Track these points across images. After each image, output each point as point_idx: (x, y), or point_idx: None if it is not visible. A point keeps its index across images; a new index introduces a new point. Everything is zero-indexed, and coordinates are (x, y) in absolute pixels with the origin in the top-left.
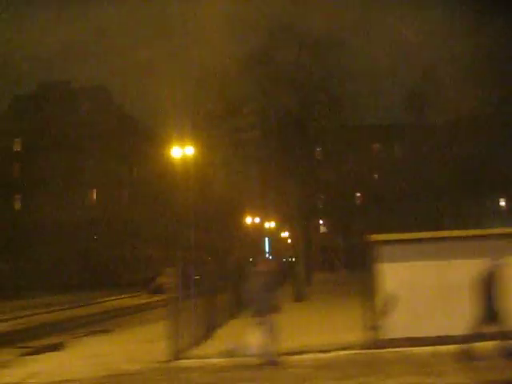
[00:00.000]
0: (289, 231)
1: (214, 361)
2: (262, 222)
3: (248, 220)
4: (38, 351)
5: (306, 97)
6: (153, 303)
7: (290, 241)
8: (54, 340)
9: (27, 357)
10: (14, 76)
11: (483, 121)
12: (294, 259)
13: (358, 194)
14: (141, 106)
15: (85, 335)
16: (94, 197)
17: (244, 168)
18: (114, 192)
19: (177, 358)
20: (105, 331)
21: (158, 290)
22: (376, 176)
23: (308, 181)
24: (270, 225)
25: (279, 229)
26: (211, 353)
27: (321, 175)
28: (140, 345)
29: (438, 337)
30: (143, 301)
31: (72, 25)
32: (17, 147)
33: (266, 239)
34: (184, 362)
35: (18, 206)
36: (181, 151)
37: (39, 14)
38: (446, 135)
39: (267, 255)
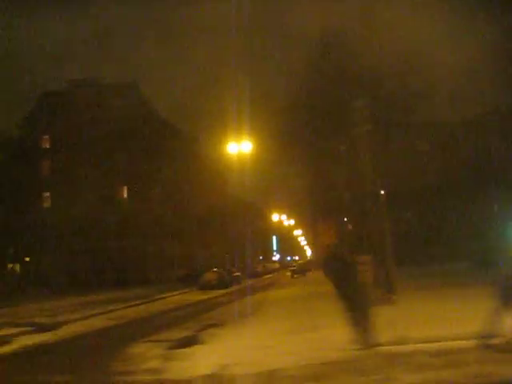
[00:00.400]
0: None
1: (417, 346)
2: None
3: (275, 217)
4: (183, 345)
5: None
6: (213, 299)
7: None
8: (175, 334)
9: (179, 350)
10: (42, 73)
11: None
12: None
13: (382, 192)
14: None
15: (202, 329)
16: (125, 194)
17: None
18: (145, 189)
19: (370, 346)
20: (214, 325)
21: (205, 286)
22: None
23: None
24: (290, 222)
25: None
26: (390, 340)
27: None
28: (287, 336)
29: None
30: (204, 296)
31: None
32: (45, 144)
33: (274, 237)
34: (384, 349)
35: (47, 203)
36: (237, 147)
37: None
38: (470, 130)
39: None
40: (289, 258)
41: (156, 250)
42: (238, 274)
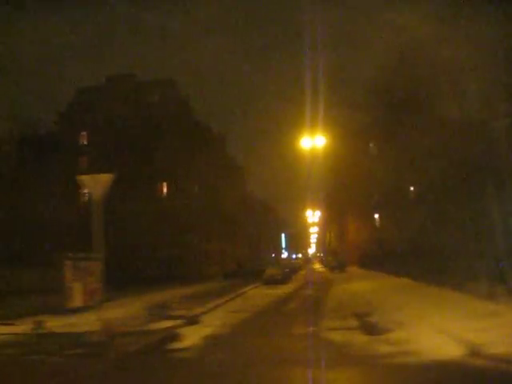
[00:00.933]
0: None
1: None
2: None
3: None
4: (375, 332)
5: None
6: (296, 292)
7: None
8: (338, 323)
9: (382, 336)
10: (79, 69)
11: None
12: None
13: (412, 188)
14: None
15: (358, 319)
16: (165, 190)
17: None
18: (185, 186)
19: None
20: (364, 315)
21: (269, 281)
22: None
23: None
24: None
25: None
26: None
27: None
28: (472, 321)
29: None
30: (281, 290)
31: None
32: (83, 140)
33: (283, 235)
34: None
35: (85, 199)
36: (311, 142)
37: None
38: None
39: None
40: (294, 256)
41: (195, 247)
42: (287, 269)
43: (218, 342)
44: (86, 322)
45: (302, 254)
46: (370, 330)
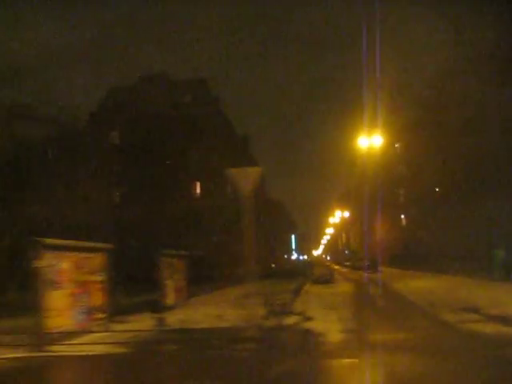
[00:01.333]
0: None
1: None
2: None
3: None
4: None
5: None
6: (361, 290)
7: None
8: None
9: None
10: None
11: None
12: None
13: (437, 189)
14: None
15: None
16: (198, 190)
17: None
18: (218, 185)
19: None
20: (472, 310)
21: (318, 281)
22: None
23: None
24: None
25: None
26: None
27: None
28: None
29: None
30: (341, 289)
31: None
32: (114, 141)
33: (293, 236)
34: None
35: (118, 200)
36: (368, 141)
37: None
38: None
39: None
40: (300, 257)
41: (227, 247)
42: None
43: (360, 338)
44: (197, 319)
45: (308, 255)
46: (507, 322)
